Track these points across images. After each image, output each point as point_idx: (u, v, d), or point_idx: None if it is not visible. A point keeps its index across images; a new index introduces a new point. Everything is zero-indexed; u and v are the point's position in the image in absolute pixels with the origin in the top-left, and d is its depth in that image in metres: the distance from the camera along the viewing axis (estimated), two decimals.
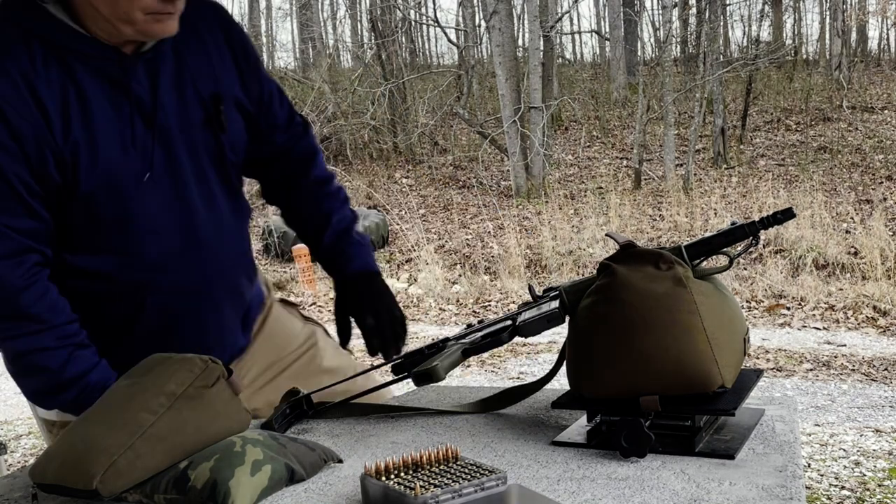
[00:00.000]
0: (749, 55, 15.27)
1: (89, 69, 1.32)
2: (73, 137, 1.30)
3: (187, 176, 1.41)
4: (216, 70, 1.44)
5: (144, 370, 1.20)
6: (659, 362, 1.16)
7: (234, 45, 1.48)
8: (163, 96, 1.37)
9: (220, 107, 1.42)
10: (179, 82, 1.39)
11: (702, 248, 1.25)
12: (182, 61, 1.40)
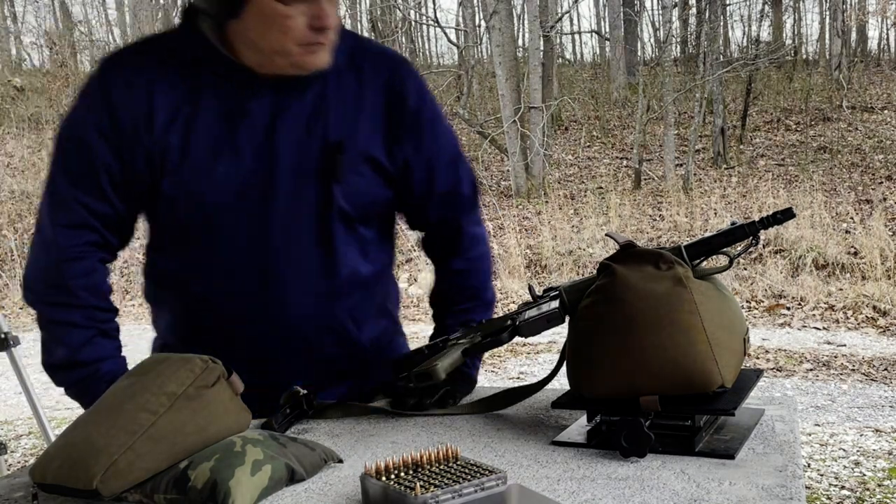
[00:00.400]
0: (749, 55, 15.27)
1: (217, 88, 1.36)
2: (168, 141, 1.35)
3: (277, 212, 1.39)
4: (357, 122, 1.42)
5: (144, 370, 1.20)
6: (659, 362, 1.16)
7: (393, 106, 1.45)
8: (280, 128, 1.38)
9: (339, 155, 1.40)
10: (308, 120, 1.39)
11: (702, 248, 1.25)
12: (323, 101, 1.40)
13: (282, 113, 1.38)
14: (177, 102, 1.36)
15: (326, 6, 1.31)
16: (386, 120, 1.44)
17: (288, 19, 1.29)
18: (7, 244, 10.19)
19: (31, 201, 11.43)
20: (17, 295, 9.23)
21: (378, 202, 1.47)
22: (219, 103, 1.37)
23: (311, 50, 1.32)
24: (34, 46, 20.41)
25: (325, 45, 1.34)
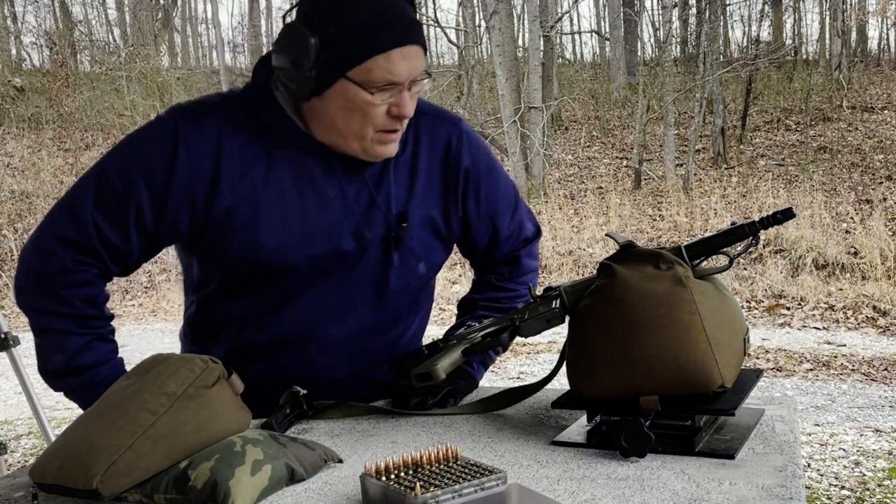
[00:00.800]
0: (749, 55, 15.27)
1: (291, 157, 1.41)
2: (236, 202, 1.38)
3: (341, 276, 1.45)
4: (415, 190, 1.48)
5: (144, 370, 1.20)
6: (659, 362, 1.16)
7: (450, 170, 1.52)
8: (347, 198, 1.43)
9: (403, 224, 1.46)
10: (371, 191, 1.44)
11: (702, 248, 1.25)
12: (385, 172, 1.45)
13: (349, 184, 1.43)
14: (247, 165, 1.39)
15: (406, 97, 1.36)
16: (443, 185, 1.51)
17: (371, 107, 1.35)
18: (7, 244, 10.19)
19: (30, 201, 11.44)
20: None
21: (434, 267, 1.56)
22: (290, 170, 1.41)
23: (384, 139, 1.39)
24: (34, 46, 20.42)
25: (397, 135, 1.40)
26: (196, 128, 1.38)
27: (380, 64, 1.31)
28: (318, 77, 1.33)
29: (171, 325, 7.77)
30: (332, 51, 1.31)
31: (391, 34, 1.32)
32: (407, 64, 1.33)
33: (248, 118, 1.41)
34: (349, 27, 1.31)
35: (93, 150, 13.24)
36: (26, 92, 15.08)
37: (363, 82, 1.32)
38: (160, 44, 18.79)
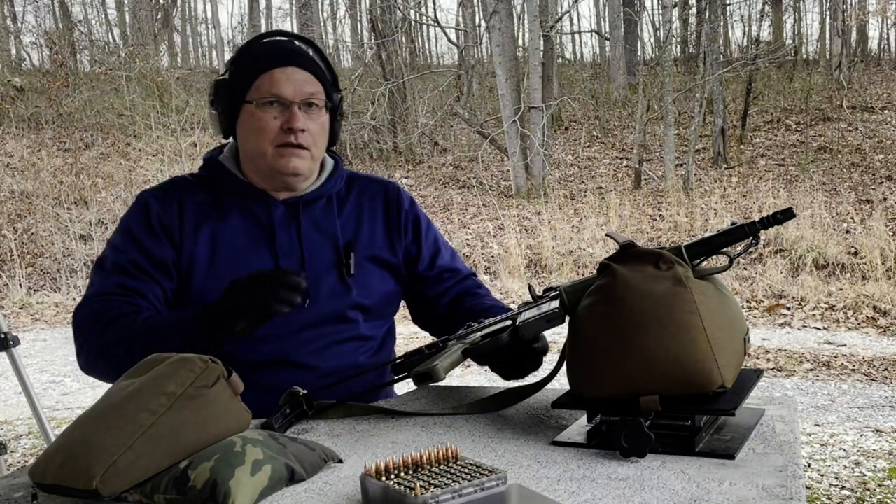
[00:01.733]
0: (749, 55, 15.26)
1: (238, 206, 1.64)
2: (195, 251, 1.59)
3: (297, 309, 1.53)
4: (361, 229, 1.70)
5: (144, 370, 1.20)
6: (659, 362, 1.16)
7: (390, 211, 1.75)
8: (295, 232, 1.64)
9: (351, 252, 1.66)
10: (319, 225, 1.66)
11: (702, 248, 1.25)
12: (329, 213, 1.68)
13: (294, 221, 1.65)
14: (202, 217, 1.62)
15: (297, 112, 1.58)
16: (386, 223, 1.74)
17: (263, 122, 1.58)
18: (7, 244, 10.19)
19: (30, 201, 11.44)
20: (16, 295, 9.24)
21: (388, 295, 1.72)
22: (239, 216, 1.63)
23: (283, 152, 1.59)
24: (34, 46, 20.42)
25: (298, 151, 1.59)
26: (162, 195, 1.65)
27: (264, 81, 1.58)
28: (227, 109, 1.62)
29: None
30: (232, 84, 1.62)
31: (273, 58, 1.61)
32: (291, 84, 1.58)
33: (203, 183, 1.67)
34: (243, 62, 1.62)
35: (92, 150, 13.25)
36: (26, 92, 15.08)
37: (255, 100, 1.58)
38: (160, 44, 18.79)
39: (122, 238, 1.62)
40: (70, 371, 6.25)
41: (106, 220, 11.14)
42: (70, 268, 9.91)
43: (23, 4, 20.05)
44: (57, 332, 7.90)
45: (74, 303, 9.06)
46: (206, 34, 26.27)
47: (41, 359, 6.69)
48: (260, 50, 1.63)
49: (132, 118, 13.61)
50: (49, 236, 10.62)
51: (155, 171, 11.86)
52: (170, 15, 20.70)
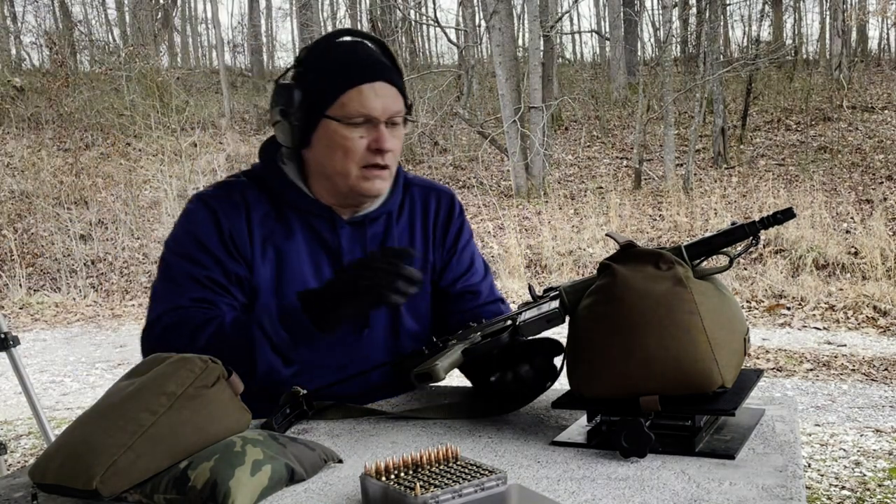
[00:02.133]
0: (749, 55, 15.26)
1: (302, 223, 1.54)
2: (262, 270, 1.51)
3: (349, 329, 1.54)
4: (413, 243, 1.64)
5: (144, 370, 1.20)
6: (659, 362, 1.16)
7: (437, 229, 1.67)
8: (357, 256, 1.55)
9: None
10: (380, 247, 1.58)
11: (702, 248, 1.25)
12: (388, 233, 1.60)
13: (359, 243, 1.57)
14: (269, 232, 1.53)
15: (385, 131, 1.48)
16: (432, 234, 1.66)
17: (350, 141, 1.47)
18: (7, 244, 10.19)
19: (30, 201, 11.44)
20: (16, 295, 9.24)
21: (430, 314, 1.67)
22: (304, 235, 1.55)
23: (368, 174, 1.49)
24: (34, 46, 20.43)
25: (382, 173, 1.50)
26: (228, 203, 1.52)
27: (353, 98, 1.46)
28: (302, 120, 1.49)
29: None
30: (312, 94, 1.48)
31: (362, 71, 1.47)
32: (380, 100, 1.47)
33: (264, 190, 1.55)
34: (324, 72, 1.48)
35: (92, 150, 13.25)
36: (26, 92, 15.08)
37: (340, 117, 1.46)
38: (160, 44, 18.79)
39: (192, 249, 1.50)
40: (70, 371, 6.25)
41: (106, 220, 11.14)
42: (70, 268, 9.90)
43: (23, 4, 20.07)
44: (57, 332, 7.90)
45: (74, 303, 9.07)
46: (206, 34, 26.25)
47: (41, 359, 6.69)
48: (345, 60, 1.48)
49: (132, 118, 13.61)
50: (49, 236, 10.62)
51: (155, 171, 11.86)
52: (170, 15, 20.70)
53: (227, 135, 14.43)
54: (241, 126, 15.41)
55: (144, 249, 10.50)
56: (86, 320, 8.37)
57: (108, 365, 6.39)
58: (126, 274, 9.94)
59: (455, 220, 1.69)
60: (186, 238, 1.51)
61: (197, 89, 16.86)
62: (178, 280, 1.49)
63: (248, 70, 21.25)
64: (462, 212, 1.72)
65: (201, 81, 18.02)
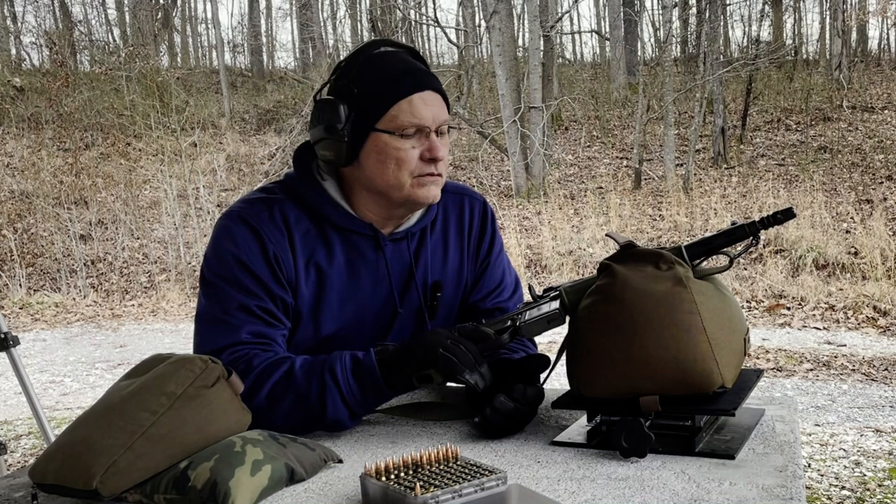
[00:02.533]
0: (749, 55, 15.26)
1: (344, 241, 1.50)
2: (304, 291, 1.47)
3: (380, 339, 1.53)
4: (448, 261, 1.60)
5: (144, 370, 1.20)
6: (659, 362, 1.16)
7: (471, 241, 1.64)
8: (392, 276, 1.53)
9: (437, 294, 1.58)
10: (417, 261, 1.56)
11: (702, 248, 1.25)
12: (422, 250, 1.57)
13: (394, 263, 1.53)
14: (310, 252, 1.48)
15: (436, 140, 1.45)
16: (465, 246, 1.63)
17: (403, 152, 1.43)
18: (7, 244, 10.19)
19: (30, 201, 11.44)
20: (16, 295, 9.24)
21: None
22: (345, 255, 1.50)
23: (423, 182, 1.46)
24: (34, 46, 20.43)
25: (436, 179, 1.47)
26: (270, 222, 1.46)
27: (403, 109, 1.42)
28: (351, 136, 1.43)
29: (170, 325, 7.77)
30: (360, 109, 1.43)
31: (410, 82, 1.44)
32: (429, 109, 1.44)
33: (303, 207, 1.49)
34: (371, 84, 1.43)
35: (92, 150, 13.25)
36: (26, 92, 15.09)
37: (392, 129, 1.43)
38: (160, 44, 18.80)
39: (240, 275, 1.43)
40: (70, 371, 6.25)
41: (106, 220, 11.15)
42: (70, 268, 9.91)
43: (23, 4, 20.07)
44: (57, 332, 7.90)
45: (74, 303, 9.07)
46: (206, 34, 26.25)
47: (41, 359, 6.69)
48: (393, 71, 1.45)
49: (132, 118, 13.62)
50: (49, 236, 10.62)
51: (155, 171, 11.86)
52: (170, 15, 20.70)
53: (227, 135, 14.43)
54: (241, 126, 15.42)
55: (144, 249, 10.50)
56: (86, 320, 8.38)
57: (108, 365, 6.39)
58: (126, 274, 9.94)
59: (488, 229, 1.66)
60: (231, 261, 1.44)
61: (197, 89, 16.87)
62: (231, 311, 1.42)
63: (248, 70, 21.26)
64: (494, 220, 1.68)
65: (201, 81, 18.02)
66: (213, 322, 1.43)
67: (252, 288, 1.42)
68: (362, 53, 1.47)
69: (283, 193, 1.50)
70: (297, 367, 1.37)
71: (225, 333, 1.41)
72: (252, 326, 1.41)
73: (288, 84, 17.72)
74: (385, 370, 1.34)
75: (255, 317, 1.42)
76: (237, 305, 1.42)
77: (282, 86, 18.03)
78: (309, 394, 1.34)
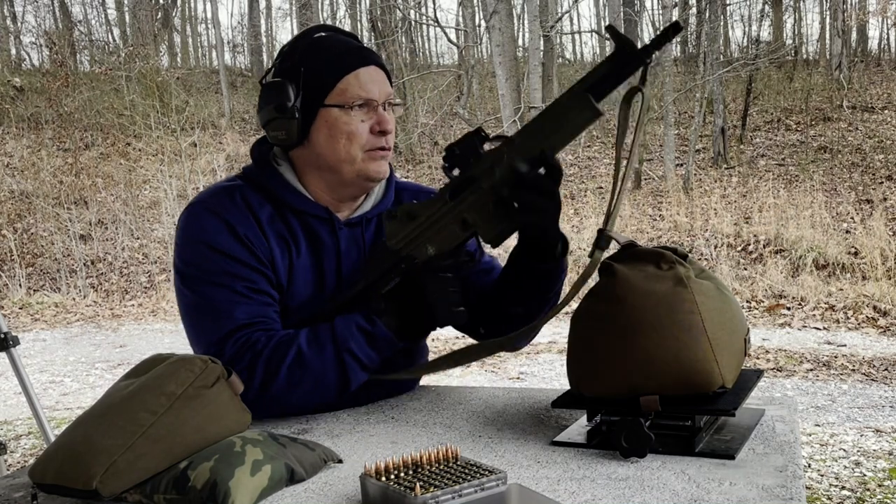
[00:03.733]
0: (749, 55, 15.26)
1: (302, 226, 1.51)
2: (280, 267, 1.48)
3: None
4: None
5: (144, 370, 1.20)
6: (659, 362, 1.16)
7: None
8: (350, 258, 1.53)
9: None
10: (366, 252, 1.55)
11: (604, 86, 1.22)
12: (379, 234, 1.57)
13: (355, 245, 1.55)
14: (277, 237, 1.49)
15: (384, 113, 1.48)
16: None
17: (353, 126, 1.46)
18: (7, 244, 10.19)
19: (30, 201, 11.44)
20: (16, 295, 9.24)
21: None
22: (307, 239, 1.52)
23: (374, 156, 1.49)
24: (34, 46, 20.43)
25: (386, 153, 1.50)
26: (232, 207, 1.47)
27: (351, 83, 1.46)
28: (301, 113, 1.46)
29: (170, 325, 7.77)
30: (308, 86, 1.46)
31: (355, 57, 1.48)
32: (376, 83, 1.48)
33: (263, 193, 1.51)
34: (317, 62, 1.47)
35: (92, 150, 13.25)
36: (26, 92, 15.09)
37: (341, 103, 1.46)
38: (160, 44, 18.80)
39: (218, 259, 1.43)
40: (70, 371, 6.25)
41: (106, 220, 11.15)
42: (70, 268, 9.91)
43: (23, 4, 20.07)
44: (57, 332, 7.90)
45: (74, 303, 9.07)
46: (206, 34, 26.25)
47: (41, 359, 6.69)
48: (336, 48, 1.48)
49: (132, 118, 13.62)
50: (49, 236, 10.62)
51: (155, 171, 11.87)
52: (170, 15, 20.71)
53: (226, 135, 14.43)
54: (241, 126, 15.42)
55: (144, 249, 10.50)
56: (85, 320, 8.38)
57: (107, 365, 6.39)
58: (126, 274, 9.94)
59: None
60: (204, 249, 1.44)
61: (197, 89, 16.87)
62: (218, 297, 1.42)
63: (248, 70, 21.26)
64: None
65: (201, 81, 18.02)
66: (204, 313, 1.43)
67: (232, 269, 1.43)
68: (304, 38, 1.51)
69: (244, 180, 1.53)
70: (305, 347, 1.38)
71: (220, 322, 1.41)
72: (244, 308, 1.42)
73: None
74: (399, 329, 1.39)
75: (244, 296, 1.42)
76: (223, 290, 1.42)
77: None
78: (326, 373, 1.37)
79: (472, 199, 1.31)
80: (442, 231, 1.35)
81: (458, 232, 1.34)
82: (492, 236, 1.32)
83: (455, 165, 1.34)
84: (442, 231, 1.35)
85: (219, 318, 1.41)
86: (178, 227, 1.49)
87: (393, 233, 1.40)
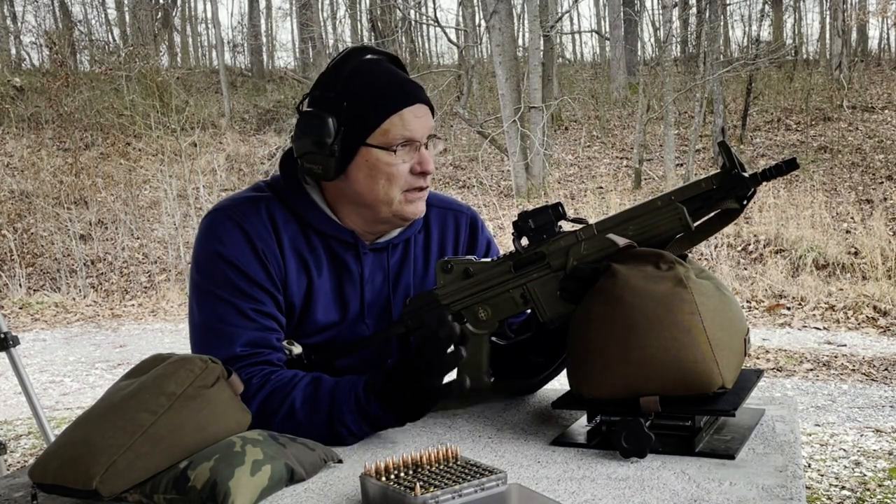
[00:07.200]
0: (749, 55, 15.26)
1: (330, 249, 1.47)
2: (294, 290, 1.44)
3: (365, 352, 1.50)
4: (427, 270, 1.57)
5: (144, 370, 1.20)
6: (659, 363, 1.16)
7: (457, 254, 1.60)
8: (374, 286, 1.51)
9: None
10: (394, 279, 1.53)
11: (699, 203, 1.23)
12: (405, 261, 1.54)
13: (376, 272, 1.51)
14: (298, 257, 1.45)
15: (426, 154, 1.43)
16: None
17: (394, 167, 1.41)
18: (7, 244, 10.19)
19: (30, 201, 11.44)
20: (16, 295, 9.24)
21: None
22: (330, 263, 1.48)
23: (411, 198, 1.44)
24: (34, 46, 20.43)
25: (424, 193, 1.46)
26: (256, 217, 1.43)
27: (395, 123, 1.40)
28: (340, 150, 1.40)
29: (170, 325, 7.77)
30: (350, 122, 1.39)
31: (401, 96, 1.42)
32: (420, 122, 1.42)
33: (289, 210, 1.46)
34: (361, 97, 1.40)
35: (92, 150, 13.24)
36: (26, 92, 15.08)
37: (383, 144, 1.40)
38: (160, 44, 18.80)
39: (231, 276, 1.40)
40: (70, 371, 6.25)
41: (106, 220, 11.14)
42: (70, 268, 9.91)
43: (23, 4, 20.08)
44: (57, 332, 7.90)
45: (74, 303, 9.07)
46: (206, 34, 26.23)
47: (41, 359, 6.69)
48: (383, 85, 1.42)
49: (132, 118, 13.62)
50: (49, 236, 10.62)
51: (155, 170, 11.87)
52: (170, 15, 20.70)
53: (226, 135, 14.43)
54: (241, 126, 15.41)
55: (144, 249, 10.50)
56: (85, 320, 8.37)
57: (107, 365, 6.39)
58: (126, 274, 9.94)
59: (479, 240, 1.63)
60: (219, 262, 1.40)
61: (197, 89, 16.87)
62: (224, 318, 1.39)
63: (248, 70, 21.26)
64: (484, 229, 1.67)
65: (201, 81, 18.02)
66: (208, 333, 1.40)
67: (244, 288, 1.40)
68: (346, 62, 1.44)
69: (272, 193, 1.48)
70: (299, 404, 1.32)
71: (220, 346, 1.37)
72: (247, 334, 1.38)
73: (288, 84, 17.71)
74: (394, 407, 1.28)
75: (250, 320, 1.39)
76: (230, 311, 1.39)
77: (282, 86, 18.02)
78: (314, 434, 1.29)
79: (538, 276, 1.32)
80: (499, 298, 1.35)
81: (517, 304, 1.34)
82: (549, 317, 1.33)
83: (524, 235, 1.33)
84: (499, 298, 1.35)
85: (220, 342, 1.38)
86: (198, 231, 1.46)
87: (444, 285, 1.39)
